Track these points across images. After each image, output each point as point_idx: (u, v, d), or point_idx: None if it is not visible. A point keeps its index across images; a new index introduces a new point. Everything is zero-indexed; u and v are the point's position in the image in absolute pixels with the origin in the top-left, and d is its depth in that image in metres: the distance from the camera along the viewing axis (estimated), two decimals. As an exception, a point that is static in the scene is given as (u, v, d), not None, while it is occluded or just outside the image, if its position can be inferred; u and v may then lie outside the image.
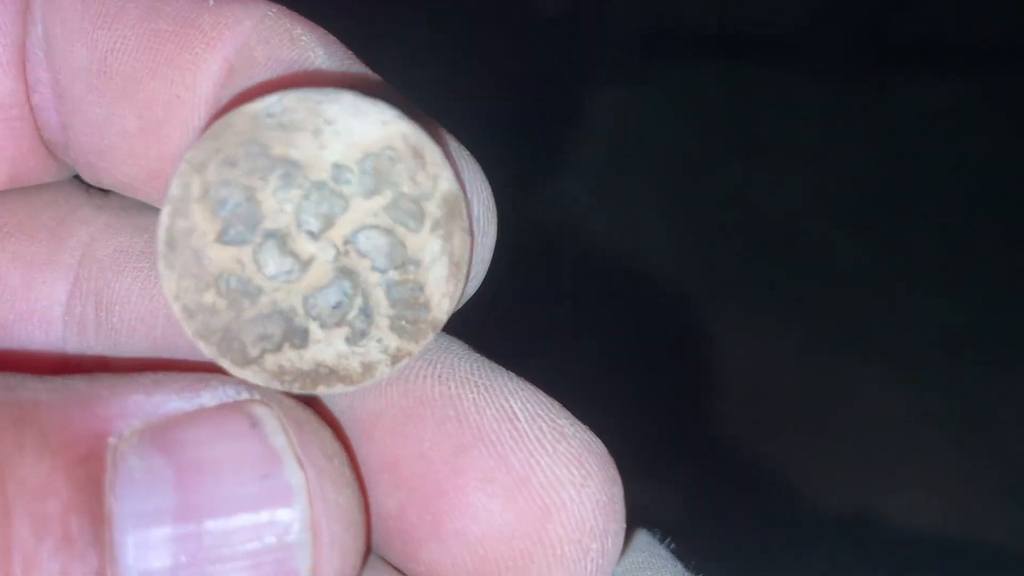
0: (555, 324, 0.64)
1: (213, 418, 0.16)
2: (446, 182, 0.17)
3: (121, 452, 0.15)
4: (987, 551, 0.61)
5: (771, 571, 0.58)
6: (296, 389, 0.17)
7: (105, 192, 0.20)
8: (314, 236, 0.17)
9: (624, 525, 0.17)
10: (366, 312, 0.17)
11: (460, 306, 0.18)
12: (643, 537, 0.22)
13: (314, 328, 0.17)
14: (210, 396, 0.16)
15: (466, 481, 0.16)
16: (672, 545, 0.23)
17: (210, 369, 0.17)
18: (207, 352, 0.17)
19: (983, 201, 0.70)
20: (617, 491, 0.17)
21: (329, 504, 0.16)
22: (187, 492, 0.15)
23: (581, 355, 0.62)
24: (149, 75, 0.18)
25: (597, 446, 0.17)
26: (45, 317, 0.19)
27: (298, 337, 0.17)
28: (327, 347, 0.17)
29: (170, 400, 0.16)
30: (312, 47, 0.18)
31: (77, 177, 0.21)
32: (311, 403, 0.17)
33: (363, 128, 0.17)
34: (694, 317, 0.68)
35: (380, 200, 0.17)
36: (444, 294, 0.17)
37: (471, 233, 0.17)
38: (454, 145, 0.18)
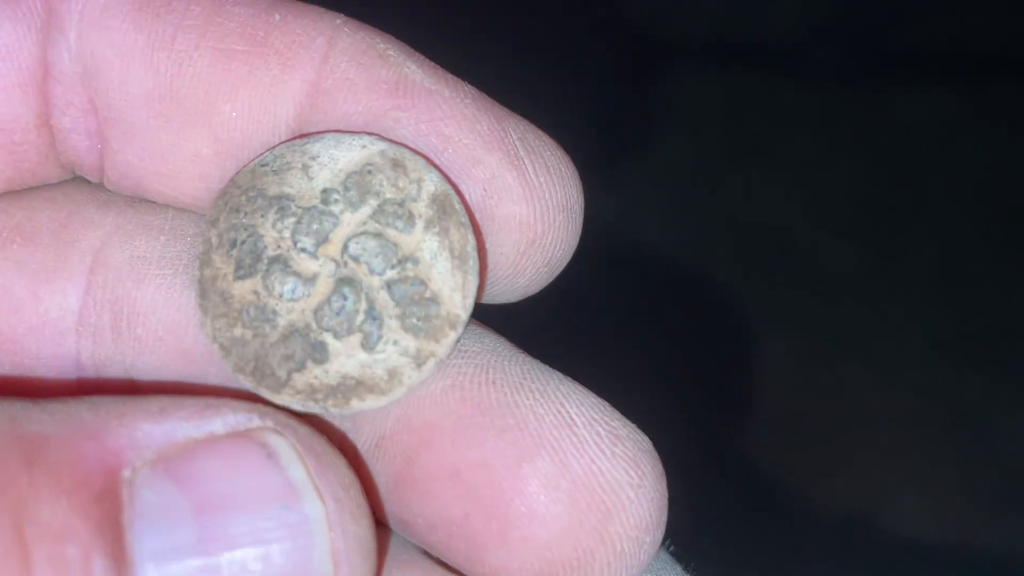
0: (548, 329, 0.64)
1: (226, 448, 0.16)
2: (431, 184, 0.18)
3: (136, 486, 0.15)
4: (984, 555, 0.61)
5: (769, 573, 0.58)
6: (332, 408, 0.17)
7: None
8: (311, 254, 0.17)
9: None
10: (373, 315, 0.17)
11: (512, 299, 0.19)
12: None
13: (330, 340, 0.17)
14: (221, 423, 0.16)
15: (531, 489, 0.17)
16: (672, 547, 0.24)
17: (239, 395, 0.17)
18: (247, 384, 0.17)
19: (976, 210, 0.70)
20: (664, 486, 0.17)
21: (348, 535, 0.16)
22: (206, 527, 0.15)
23: (576, 361, 0.62)
24: (224, 99, 0.18)
25: (647, 445, 0.17)
26: (57, 328, 0.18)
27: (318, 351, 0.17)
28: (348, 358, 0.17)
29: (180, 427, 0.16)
30: (403, 62, 0.18)
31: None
32: (321, 428, 0.18)
33: (346, 155, 0.18)
34: (691, 325, 0.68)
35: (366, 210, 0.18)
36: (454, 288, 0.17)
37: (470, 226, 0.18)
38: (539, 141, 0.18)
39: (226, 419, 0.16)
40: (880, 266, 0.69)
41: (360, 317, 0.17)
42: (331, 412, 0.17)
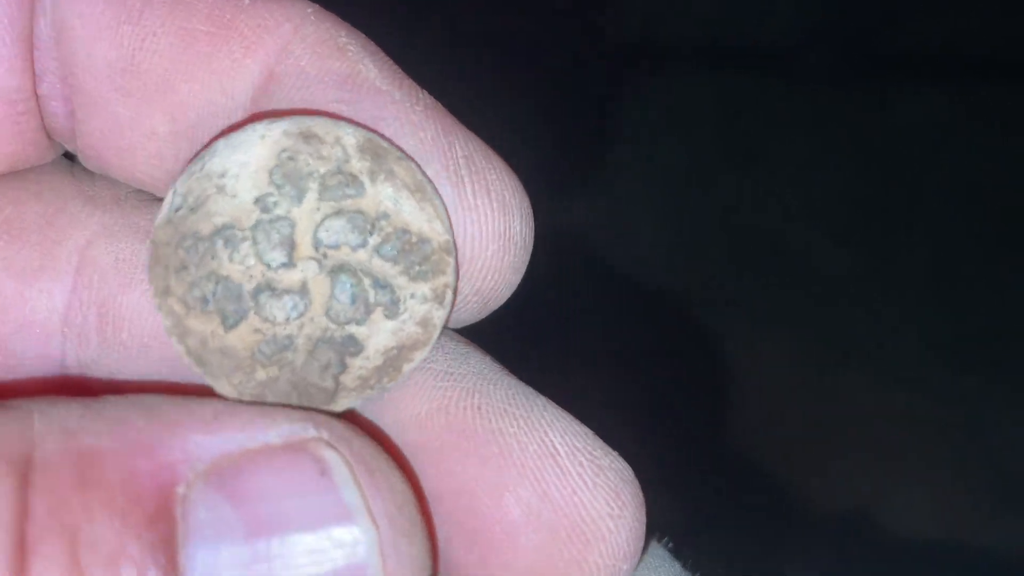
0: (543, 332, 0.64)
1: (280, 462, 0.15)
2: (350, 137, 0.17)
3: (190, 502, 0.15)
4: (982, 555, 0.61)
5: (766, 572, 0.58)
6: (388, 384, 0.17)
7: (93, 175, 0.19)
8: (288, 264, 0.17)
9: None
10: (380, 284, 0.17)
11: (470, 321, 0.19)
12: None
13: (355, 329, 0.17)
14: (275, 434, 0.16)
15: (512, 517, 0.17)
16: (670, 544, 0.24)
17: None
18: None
19: (969, 211, 0.70)
20: (643, 514, 0.18)
21: (402, 556, 0.16)
22: (258, 548, 0.15)
23: (571, 362, 0.62)
24: (183, 78, 0.17)
25: (628, 475, 0.17)
26: (44, 329, 0.18)
27: (351, 345, 0.17)
28: (380, 335, 0.17)
29: (234, 438, 0.16)
30: (361, 58, 0.18)
31: (64, 155, 0.20)
32: (376, 436, 0.17)
33: (251, 154, 0.17)
34: (685, 326, 0.68)
35: (311, 195, 0.17)
36: (430, 219, 0.17)
37: (408, 156, 0.17)
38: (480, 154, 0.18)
39: (281, 429, 0.16)
40: (874, 267, 0.69)
41: (370, 293, 0.17)
42: (389, 389, 0.17)
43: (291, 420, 0.16)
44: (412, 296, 0.17)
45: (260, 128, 0.17)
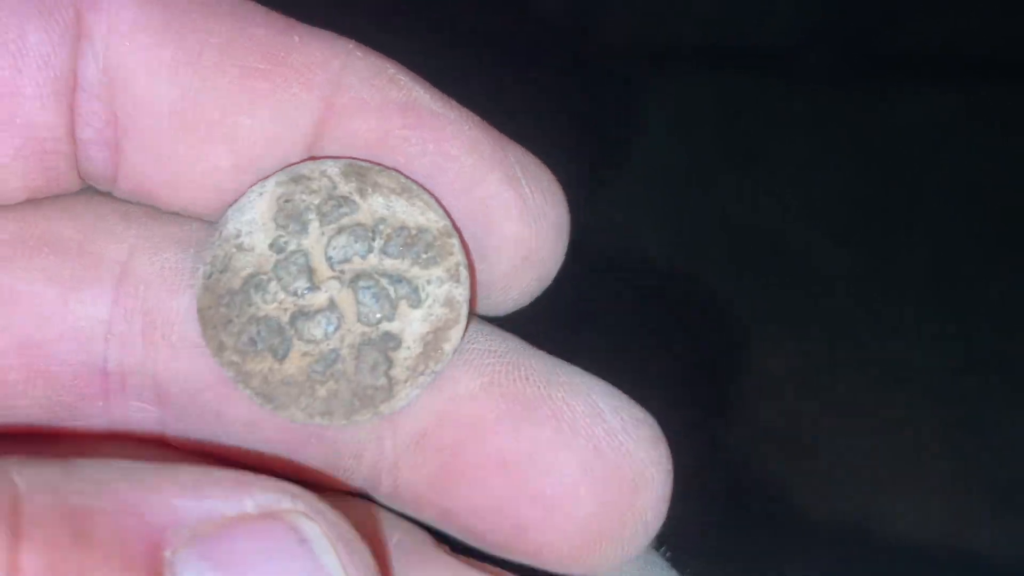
0: (542, 333, 0.64)
1: (259, 530, 0.16)
2: (332, 167, 0.19)
3: (177, 569, 0.15)
4: (982, 555, 0.61)
5: (766, 573, 0.58)
6: (437, 368, 0.19)
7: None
8: (314, 288, 0.19)
9: None
10: (397, 279, 0.19)
11: (501, 313, 0.21)
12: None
13: (389, 326, 0.19)
14: (251, 503, 0.16)
15: (570, 474, 0.19)
16: (668, 553, 0.24)
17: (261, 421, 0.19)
18: (365, 418, 0.19)
19: (970, 211, 0.70)
20: (670, 459, 0.21)
21: None
22: None
23: (572, 362, 0.62)
24: (244, 113, 0.19)
25: (657, 426, 0.20)
26: (86, 336, 0.19)
27: (390, 341, 0.19)
28: (412, 324, 0.19)
29: (215, 506, 0.16)
30: (413, 86, 0.19)
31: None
32: (345, 511, 0.18)
33: (256, 210, 0.19)
34: (685, 326, 0.68)
35: (313, 225, 0.19)
36: (422, 211, 0.19)
37: (381, 166, 0.19)
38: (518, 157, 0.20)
39: (256, 499, 0.16)
40: (874, 267, 0.69)
41: (390, 290, 0.19)
42: (439, 371, 0.19)
43: (266, 490, 0.17)
44: (429, 282, 0.19)
45: (256, 188, 0.19)
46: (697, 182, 0.72)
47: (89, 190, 0.20)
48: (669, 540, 0.24)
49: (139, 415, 0.20)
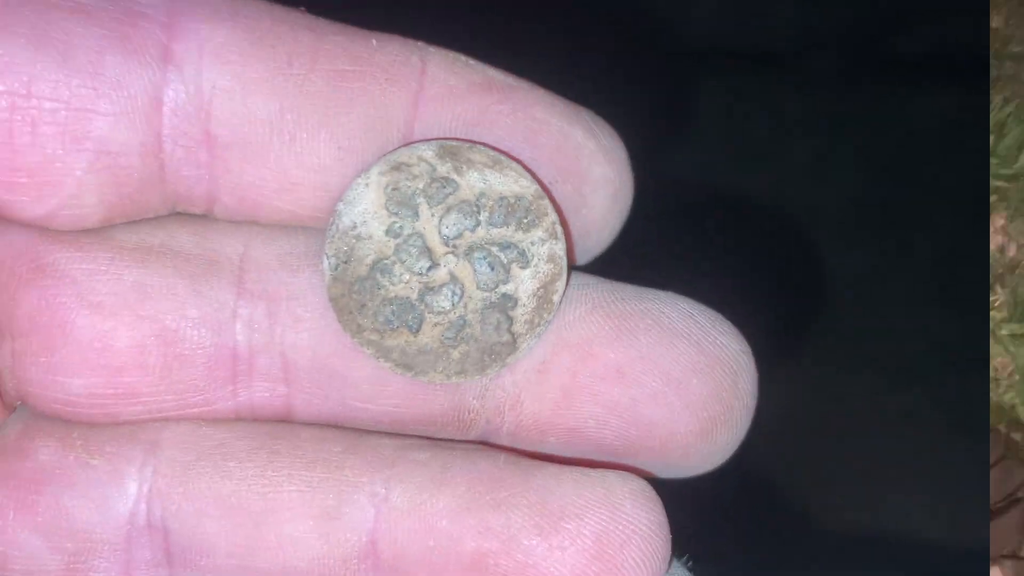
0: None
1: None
2: (426, 151, 0.21)
3: None
4: (982, 555, 0.61)
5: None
6: (550, 317, 0.21)
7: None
8: (435, 264, 0.21)
9: None
10: (505, 245, 0.21)
11: (584, 261, 0.23)
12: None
13: (505, 288, 0.21)
14: None
15: (680, 369, 0.21)
16: (689, 563, 0.24)
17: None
18: (495, 372, 0.21)
19: (975, 213, 0.70)
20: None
21: None
22: None
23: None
24: (345, 110, 0.20)
25: (729, 325, 0.22)
26: (217, 321, 0.21)
27: (508, 302, 0.21)
28: (524, 283, 0.21)
29: None
30: (485, 69, 0.21)
31: None
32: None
33: (366, 201, 0.21)
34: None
35: (423, 208, 0.21)
36: (516, 179, 0.21)
37: (470, 141, 0.21)
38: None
39: None
40: (876, 267, 0.70)
41: (501, 256, 0.21)
42: (551, 320, 0.21)
43: None
44: (532, 243, 0.21)
45: (360, 179, 0.21)
46: (697, 182, 0.72)
47: (181, 215, 0.22)
48: (689, 549, 0.24)
49: (265, 397, 0.21)
